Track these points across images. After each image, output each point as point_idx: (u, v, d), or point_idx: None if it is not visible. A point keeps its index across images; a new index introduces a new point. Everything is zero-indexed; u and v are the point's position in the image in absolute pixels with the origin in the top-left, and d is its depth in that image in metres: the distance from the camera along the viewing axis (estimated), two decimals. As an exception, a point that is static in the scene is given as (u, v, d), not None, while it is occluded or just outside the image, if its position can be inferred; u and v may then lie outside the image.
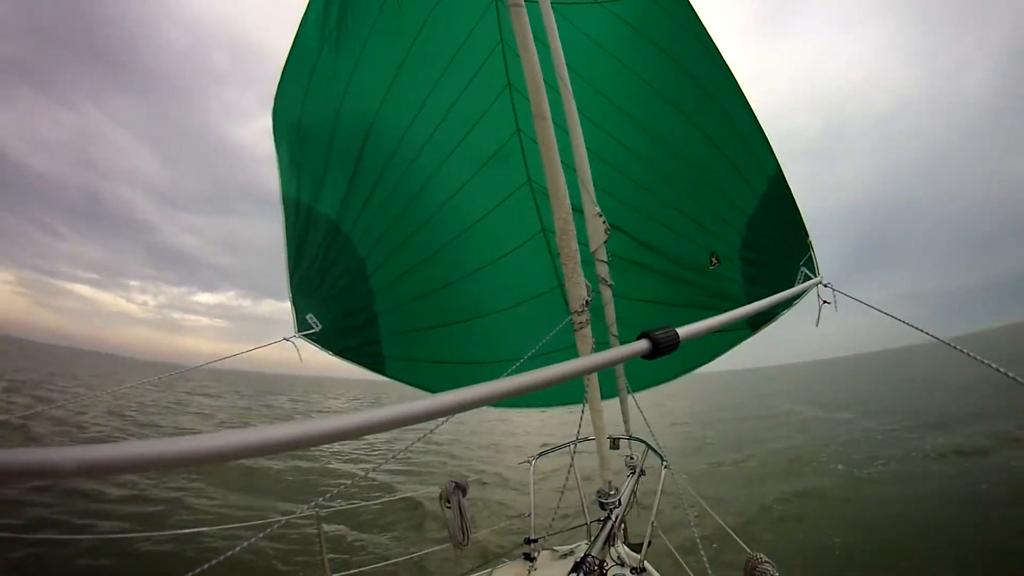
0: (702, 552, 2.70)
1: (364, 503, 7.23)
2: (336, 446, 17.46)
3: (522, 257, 4.36)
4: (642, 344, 1.00)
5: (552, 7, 3.72)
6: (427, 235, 4.19)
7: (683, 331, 1.09)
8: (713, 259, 4.06)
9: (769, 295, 3.82)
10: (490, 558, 3.68)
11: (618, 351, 1.00)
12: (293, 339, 4.00)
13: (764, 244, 3.96)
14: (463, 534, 3.75)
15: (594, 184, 4.03)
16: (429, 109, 3.93)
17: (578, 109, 3.93)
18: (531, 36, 2.49)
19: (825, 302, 3.13)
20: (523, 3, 2.49)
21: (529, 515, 3.51)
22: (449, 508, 3.21)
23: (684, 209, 4.06)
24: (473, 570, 3.50)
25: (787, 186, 3.83)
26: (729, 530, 3.28)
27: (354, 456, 15.50)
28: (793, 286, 3.67)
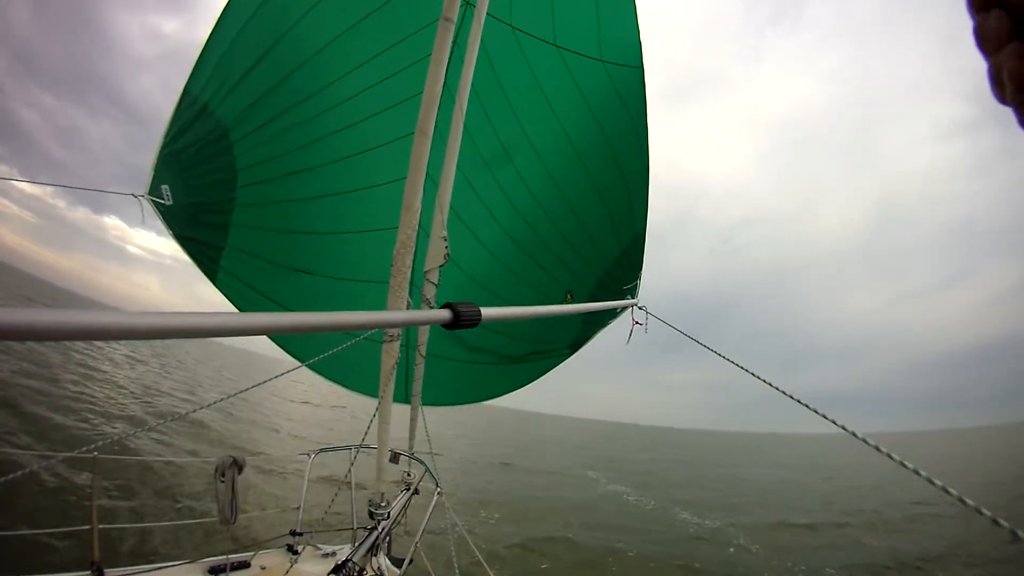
0: None
1: (144, 457, 6.64)
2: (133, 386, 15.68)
3: (386, 240, 4.43)
4: (444, 313, 0.98)
5: (514, 31, 4.04)
6: (308, 180, 4.21)
7: (488, 312, 1.04)
8: (568, 296, 4.47)
9: (599, 319, 4.34)
10: (255, 542, 3.62)
11: (420, 314, 1.01)
12: (141, 198, 3.85)
13: (611, 284, 4.45)
14: (232, 512, 3.64)
15: (479, 199, 4.28)
16: (365, 72, 4.00)
17: (492, 128, 4.16)
18: (447, 53, 2.51)
19: (637, 323, 3.24)
20: (453, 19, 2.52)
21: (298, 508, 3.53)
22: (223, 483, 3.14)
23: (555, 248, 4.45)
24: (236, 551, 3.43)
25: (644, 238, 4.38)
26: (484, 563, 3.58)
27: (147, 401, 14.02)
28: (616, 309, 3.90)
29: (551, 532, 10.15)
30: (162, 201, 3.93)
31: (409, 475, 3.36)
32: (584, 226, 4.46)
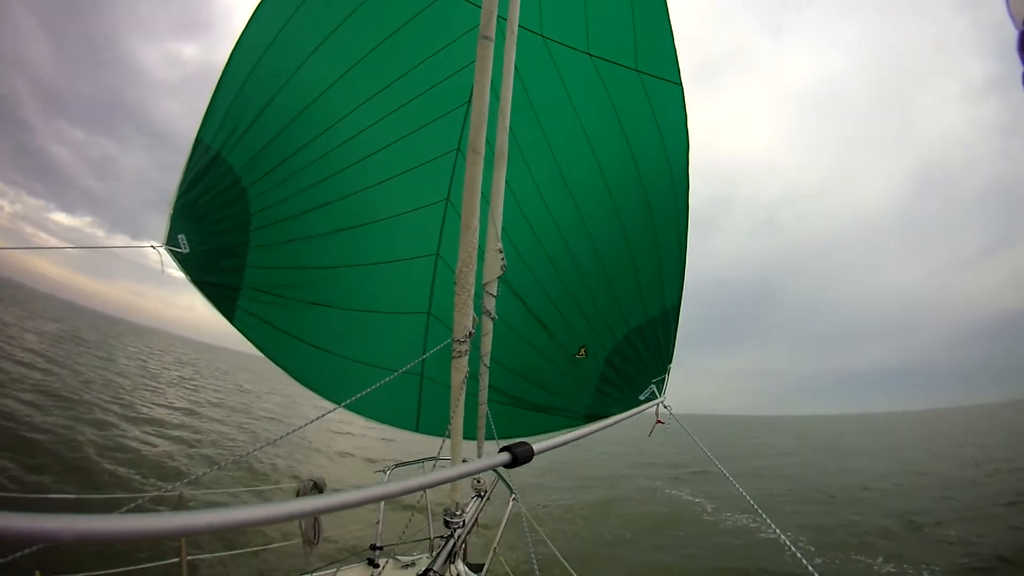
0: None
1: (228, 490, 6.97)
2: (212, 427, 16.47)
3: (406, 270, 4.41)
4: (504, 456, 1.23)
5: (544, 41, 3.87)
6: (324, 216, 4.19)
7: (538, 446, 1.33)
8: (582, 350, 4.32)
9: (616, 395, 4.22)
10: (335, 559, 3.71)
11: (482, 462, 1.25)
12: (160, 248, 3.98)
13: (631, 356, 4.27)
14: (315, 533, 3.77)
15: (505, 235, 4.10)
16: (380, 101, 3.95)
17: (519, 148, 4.00)
18: (490, 71, 2.44)
19: (660, 421, 3.52)
20: (492, 37, 2.42)
21: (378, 522, 3.60)
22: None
23: (577, 298, 4.29)
24: (318, 569, 3.52)
25: (677, 319, 4.17)
26: (565, 562, 3.54)
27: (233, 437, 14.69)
28: (640, 396, 4.06)
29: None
30: (179, 250, 4.02)
31: (479, 482, 3.38)
32: (607, 273, 4.24)
